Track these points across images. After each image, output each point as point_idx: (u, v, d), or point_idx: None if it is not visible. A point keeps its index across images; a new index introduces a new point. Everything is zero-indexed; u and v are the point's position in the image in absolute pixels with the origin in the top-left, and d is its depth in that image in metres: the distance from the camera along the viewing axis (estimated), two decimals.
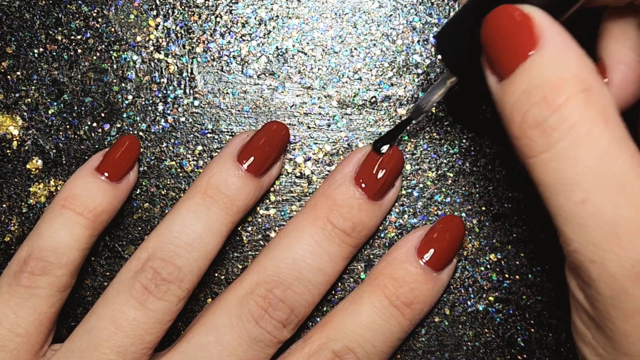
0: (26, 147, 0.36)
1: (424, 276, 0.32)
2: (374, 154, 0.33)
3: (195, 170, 0.36)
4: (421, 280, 0.32)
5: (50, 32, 0.36)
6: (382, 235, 0.35)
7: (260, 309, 0.31)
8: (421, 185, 0.35)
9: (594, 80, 0.23)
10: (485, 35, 0.25)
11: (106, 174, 0.33)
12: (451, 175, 0.35)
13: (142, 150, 0.35)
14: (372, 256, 0.35)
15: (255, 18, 0.36)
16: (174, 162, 0.36)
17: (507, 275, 0.35)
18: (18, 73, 0.36)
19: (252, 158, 0.32)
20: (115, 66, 0.36)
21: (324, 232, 0.32)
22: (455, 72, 0.29)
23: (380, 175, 0.32)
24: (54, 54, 0.36)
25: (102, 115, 0.36)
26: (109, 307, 0.30)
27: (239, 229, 0.35)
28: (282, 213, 0.35)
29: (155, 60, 0.36)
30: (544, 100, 0.23)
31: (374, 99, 0.35)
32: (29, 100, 0.36)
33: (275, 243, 0.33)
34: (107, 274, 0.35)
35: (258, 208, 0.35)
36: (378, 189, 0.32)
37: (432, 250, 0.32)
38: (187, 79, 0.36)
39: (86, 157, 0.35)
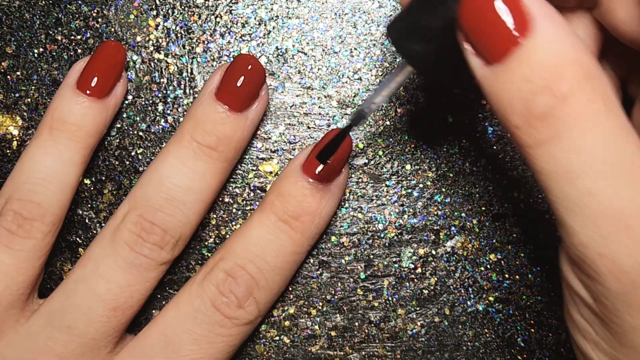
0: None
1: (311, 189, 0.31)
2: (232, 67, 0.32)
3: None
4: (308, 192, 0.31)
5: (50, 32, 0.36)
6: (382, 235, 0.35)
7: (133, 234, 0.31)
8: (421, 185, 0.35)
9: (594, 66, 0.22)
10: (467, 18, 0.22)
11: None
12: (451, 175, 0.35)
13: (142, 150, 0.35)
14: (372, 256, 0.35)
15: (255, 18, 0.36)
16: None
17: (507, 275, 0.35)
18: (18, 73, 0.36)
19: (91, 82, 0.32)
20: None
21: (189, 151, 0.32)
22: (415, 64, 0.26)
23: (239, 83, 0.32)
24: (54, 54, 0.36)
25: None
26: None
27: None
28: None
29: (155, 60, 0.36)
30: (547, 89, 0.21)
31: None
32: (29, 100, 0.36)
33: (143, 172, 0.33)
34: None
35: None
36: (238, 98, 0.32)
37: (315, 163, 0.31)
38: (187, 79, 0.36)
39: None
